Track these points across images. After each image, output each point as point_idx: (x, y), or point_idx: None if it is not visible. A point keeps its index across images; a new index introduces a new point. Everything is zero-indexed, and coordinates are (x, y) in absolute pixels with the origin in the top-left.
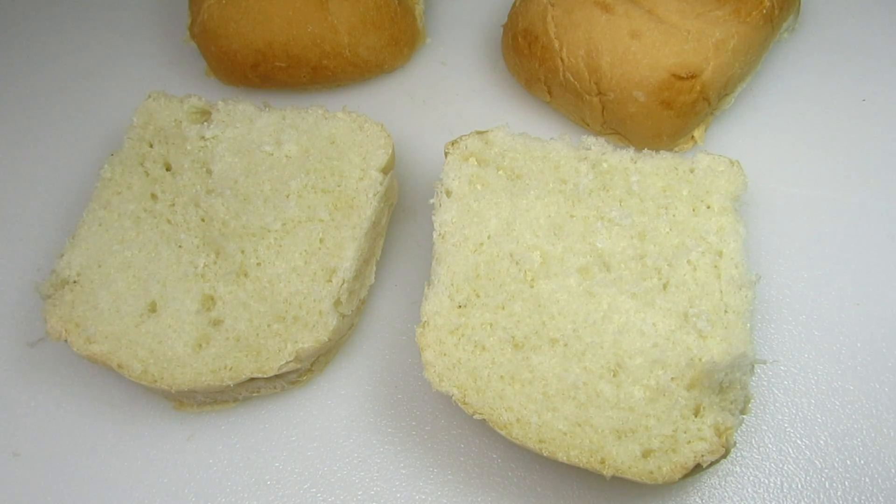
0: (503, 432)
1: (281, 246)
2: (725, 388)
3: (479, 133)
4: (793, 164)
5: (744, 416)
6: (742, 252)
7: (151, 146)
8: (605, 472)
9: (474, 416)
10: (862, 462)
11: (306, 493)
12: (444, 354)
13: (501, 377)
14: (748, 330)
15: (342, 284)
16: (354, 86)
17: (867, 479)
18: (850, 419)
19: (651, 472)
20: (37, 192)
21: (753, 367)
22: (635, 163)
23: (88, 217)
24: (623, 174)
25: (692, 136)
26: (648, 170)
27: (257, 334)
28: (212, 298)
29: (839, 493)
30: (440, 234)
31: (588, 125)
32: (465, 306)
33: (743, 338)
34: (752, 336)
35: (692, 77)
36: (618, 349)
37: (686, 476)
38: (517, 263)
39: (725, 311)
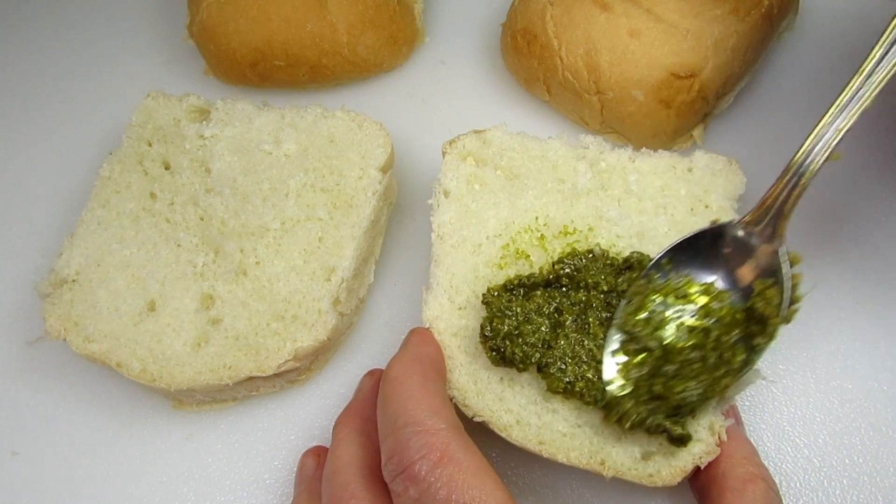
0: (503, 434)
1: (280, 245)
2: (726, 398)
3: (476, 132)
4: None
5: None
6: None
7: (150, 145)
8: (605, 474)
9: (474, 419)
10: (860, 461)
11: None
12: (449, 358)
13: (501, 379)
14: None
15: (341, 283)
16: (353, 85)
17: (865, 478)
18: (849, 418)
19: (651, 476)
20: (36, 192)
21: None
22: (633, 162)
23: (87, 216)
24: (621, 173)
25: (691, 136)
26: (646, 169)
27: (256, 333)
28: (211, 297)
29: (837, 492)
30: (438, 235)
31: (587, 124)
32: (464, 308)
33: None
34: None
35: (691, 76)
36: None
37: (685, 479)
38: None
39: None
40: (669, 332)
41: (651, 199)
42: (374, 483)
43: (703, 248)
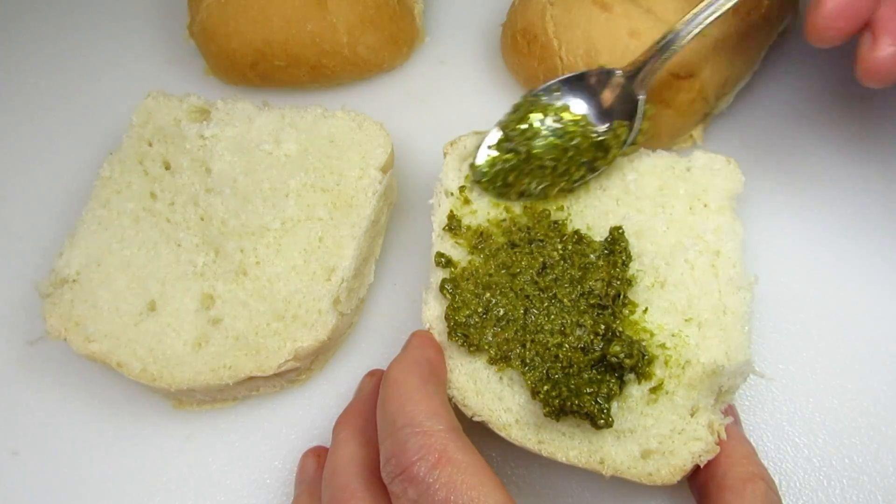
0: (502, 433)
1: (280, 245)
2: (724, 392)
3: (477, 133)
4: (791, 163)
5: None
6: (740, 251)
7: (150, 145)
8: (604, 473)
9: (474, 419)
10: (860, 460)
11: None
12: (449, 358)
13: (500, 378)
14: (747, 333)
15: (341, 283)
16: (353, 85)
17: (865, 478)
18: (849, 417)
19: (650, 475)
20: (36, 191)
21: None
22: (632, 161)
23: (88, 216)
24: (620, 173)
25: (691, 136)
26: (645, 168)
27: (256, 333)
28: (211, 297)
29: (837, 492)
30: (439, 234)
31: None
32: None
33: (742, 341)
34: (751, 340)
35: (691, 76)
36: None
37: (685, 477)
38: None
39: (724, 313)
40: (537, 143)
41: (649, 199)
42: (374, 484)
43: (585, 85)
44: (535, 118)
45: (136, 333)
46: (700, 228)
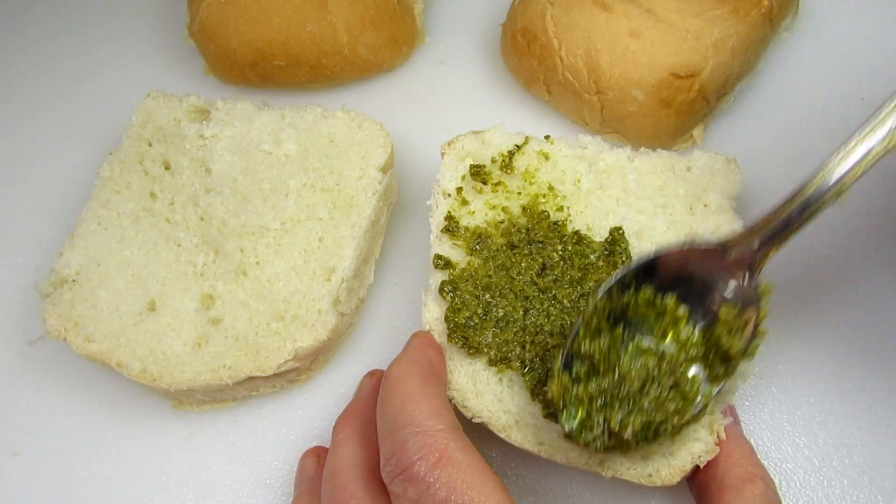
0: (502, 435)
1: (280, 245)
2: (724, 392)
3: (475, 133)
4: (791, 163)
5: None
6: None
7: (150, 145)
8: (604, 474)
9: (473, 420)
10: (860, 461)
11: None
12: (450, 359)
13: (500, 380)
14: None
15: (341, 283)
16: (353, 85)
17: (865, 478)
18: (849, 417)
19: (650, 476)
20: (36, 191)
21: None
22: (632, 161)
23: (87, 216)
24: (620, 173)
25: (691, 136)
26: (645, 168)
27: (256, 333)
28: (211, 297)
29: (837, 492)
30: (437, 236)
31: (587, 124)
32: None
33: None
34: None
35: (691, 76)
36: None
37: (685, 478)
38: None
39: None
40: (625, 363)
41: (650, 199)
42: (374, 484)
43: (673, 265)
44: (612, 323)
45: (135, 333)
46: (700, 228)
